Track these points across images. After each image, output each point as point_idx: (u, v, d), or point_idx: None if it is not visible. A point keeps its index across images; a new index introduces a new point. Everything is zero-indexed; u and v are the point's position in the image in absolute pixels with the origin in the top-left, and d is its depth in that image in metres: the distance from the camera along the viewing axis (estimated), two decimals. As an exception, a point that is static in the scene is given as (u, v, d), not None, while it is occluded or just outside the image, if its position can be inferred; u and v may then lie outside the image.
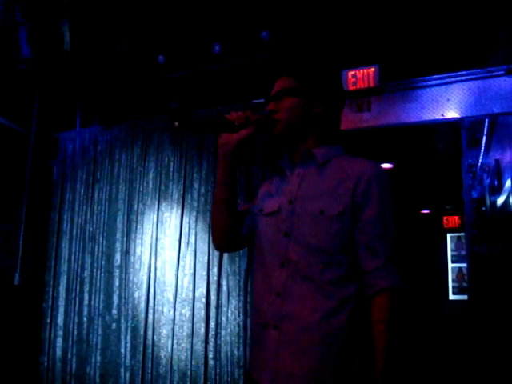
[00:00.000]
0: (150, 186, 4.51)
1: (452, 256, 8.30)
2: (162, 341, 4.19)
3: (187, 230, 4.27)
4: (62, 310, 4.68)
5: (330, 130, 1.69)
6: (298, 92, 1.64)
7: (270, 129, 1.64)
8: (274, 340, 1.51)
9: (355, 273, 1.51)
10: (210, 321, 4.05)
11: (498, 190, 3.81)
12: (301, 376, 1.45)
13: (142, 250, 4.43)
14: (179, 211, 4.33)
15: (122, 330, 4.36)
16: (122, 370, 4.29)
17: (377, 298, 1.47)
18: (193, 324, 4.08)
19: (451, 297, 8.17)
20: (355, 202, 1.51)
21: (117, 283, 4.47)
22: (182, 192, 4.35)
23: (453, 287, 8.19)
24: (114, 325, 4.40)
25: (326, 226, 1.50)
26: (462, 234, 7.81)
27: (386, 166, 5.83)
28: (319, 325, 1.46)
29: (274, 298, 1.53)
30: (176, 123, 1.47)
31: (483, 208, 4.21)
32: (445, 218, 8.46)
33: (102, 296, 4.50)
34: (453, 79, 3.63)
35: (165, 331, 4.20)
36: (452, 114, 3.60)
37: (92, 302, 4.54)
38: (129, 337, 4.32)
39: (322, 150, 1.63)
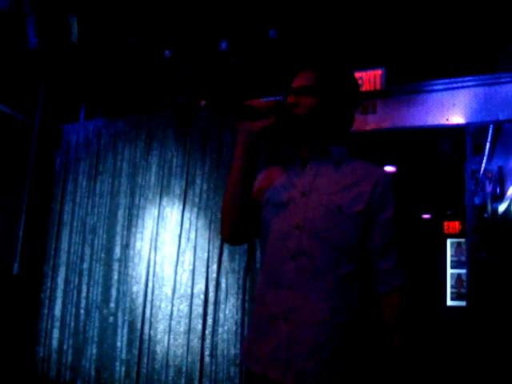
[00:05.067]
0: (153, 180, 4.51)
1: (451, 262, 8.29)
2: (159, 336, 4.19)
3: (188, 225, 4.28)
4: (59, 301, 4.69)
5: (342, 131, 1.73)
6: (320, 92, 1.64)
7: (288, 122, 1.62)
8: (284, 333, 1.51)
9: (364, 270, 1.57)
10: (208, 317, 4.05)
11: (500, 197, 3.81)
12: (315, 370, 1.47)
13: (141, 244, 4.43)
14: (180, 207, 4.34)
15: (119, 323, 4.36)
16: (118, 363, 4.29)
17: (389, 296, 1.55)
18: (190, 320, 4.08)
19: (449, 302, 8.16)
20: (372, 204, 1.56)
21: (115, 277, 4.47)
22: (184, 188, 4.36)
23: (451, 293, 8.18)
24: (111, 318, 4.41)
25: (344, 223, 1.54)
26: (463, 239, 7.79)
27: (388, 169, 5.82)
28: (330, 319, 1.49)
29: (284, 291, 1.54)
30: (203, 101, 1.46)
31: (485, 215, 4.21)
32: (445, 223, 8.45)
33: (100, 289, 4.50)
34: (459, 84, 3.62)
35: (162, 326, 4.20)
36: (457, 119, 3.59)
37: (90, 295, 4.55)
38: (125, 331, 4.32)
39: (336, 148, 1.66)
